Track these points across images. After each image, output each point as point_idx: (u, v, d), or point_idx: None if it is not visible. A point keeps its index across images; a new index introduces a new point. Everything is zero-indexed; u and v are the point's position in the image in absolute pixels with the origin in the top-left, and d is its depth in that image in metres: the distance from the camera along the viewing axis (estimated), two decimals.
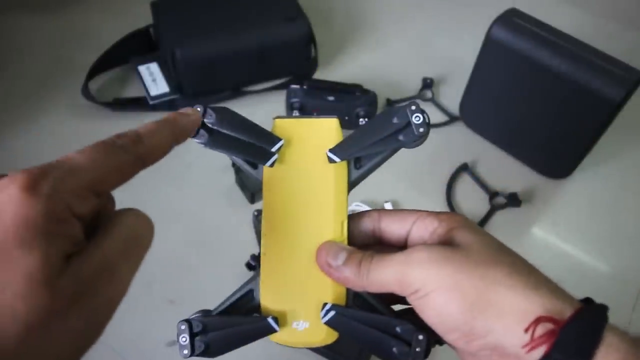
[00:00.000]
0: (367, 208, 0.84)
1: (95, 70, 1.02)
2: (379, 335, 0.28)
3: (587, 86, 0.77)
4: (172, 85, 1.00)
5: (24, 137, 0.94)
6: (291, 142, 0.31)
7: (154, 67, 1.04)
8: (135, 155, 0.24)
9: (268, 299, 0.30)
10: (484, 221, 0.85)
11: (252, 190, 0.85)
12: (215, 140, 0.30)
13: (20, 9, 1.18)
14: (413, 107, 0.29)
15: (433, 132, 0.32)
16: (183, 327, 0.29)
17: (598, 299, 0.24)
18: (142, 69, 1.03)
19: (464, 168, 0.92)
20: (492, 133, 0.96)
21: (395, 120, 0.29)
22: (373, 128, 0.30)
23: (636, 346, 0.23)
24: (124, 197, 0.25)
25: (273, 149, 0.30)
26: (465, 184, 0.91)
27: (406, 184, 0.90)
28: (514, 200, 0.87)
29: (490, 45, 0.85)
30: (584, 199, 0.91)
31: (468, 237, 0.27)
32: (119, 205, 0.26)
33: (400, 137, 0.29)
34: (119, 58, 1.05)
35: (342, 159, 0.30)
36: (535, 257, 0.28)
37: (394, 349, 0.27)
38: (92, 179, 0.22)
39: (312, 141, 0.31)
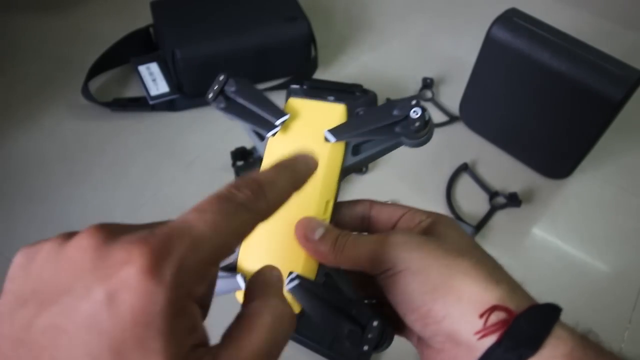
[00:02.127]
0: None
1: (95, 70, 1.02)
2: (335, 314, 0.28)
3: (587, 86, 0.77)
4: (172, 85, 1.00)
5: (24, 137, 0.94)
6: (297, 120, 0.33)
7: (154, 67, 1.04)
8: (258, 212, 0.21)
9: (244, 260, 0.31)
10: (484, 221, 0.85)
11: None
12: (232, 107, 0.33)
13: (20, 9, 1.18)
14: (413, 102, 0.30)
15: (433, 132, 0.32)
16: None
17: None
18: (142, 69, 1.03)
19: (464, 168, 0.92)
20: (492, 133, 0.96)
21: (395, 112, 0.30)
22: (373, 116, 0.31)
23: (583, 340, 0.24)
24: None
25: (277, 122, 0.32)
26: (465, 184, 0.91)
27: (406, 184, 0.90)
28: (514, 200, 0.87)
29: (490, 45, 0.85)
30: (584, 199, 0.91)
31: (447, 230, 0.29)
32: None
33: (397, 129, 0.30)
34: (119, 58, 1.05)
35: (337, 140, 0.31)
36: (535, 257, 0.28)
37: (346, 330, 0.27)
38: (215, 251, 0.19)
39: (316, 121, 0.33)
